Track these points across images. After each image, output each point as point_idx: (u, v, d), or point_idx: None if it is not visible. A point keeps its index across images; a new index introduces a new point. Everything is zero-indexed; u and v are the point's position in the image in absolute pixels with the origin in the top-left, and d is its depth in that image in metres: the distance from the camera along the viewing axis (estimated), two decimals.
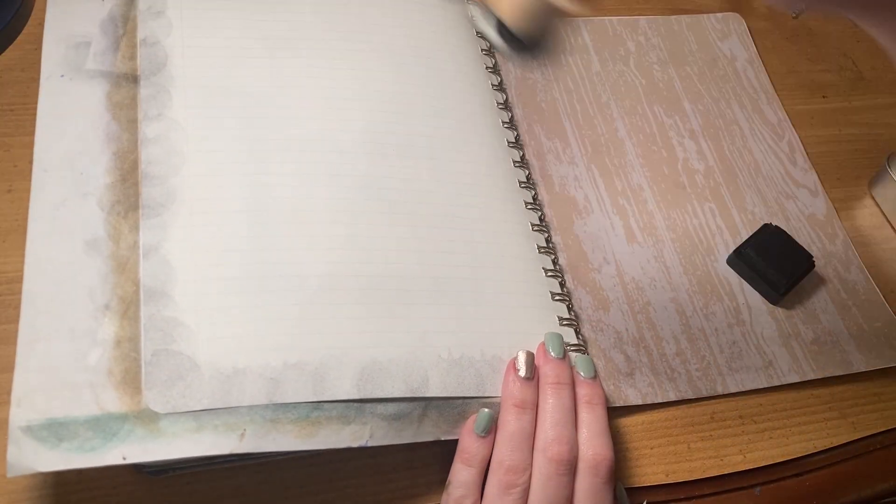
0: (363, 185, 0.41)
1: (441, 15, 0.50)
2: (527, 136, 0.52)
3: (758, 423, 0.45)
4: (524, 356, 0.38)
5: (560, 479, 0.35)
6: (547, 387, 0.38)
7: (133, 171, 0.38)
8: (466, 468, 0.36)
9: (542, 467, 0.36)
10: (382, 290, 0.38)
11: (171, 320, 0.35)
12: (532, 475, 0.36)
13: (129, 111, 0.40)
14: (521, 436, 0.36)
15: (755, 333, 0.47)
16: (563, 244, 0.48)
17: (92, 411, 0.32)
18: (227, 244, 0.37)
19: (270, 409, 0.34)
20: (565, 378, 0.38)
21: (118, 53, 0.41)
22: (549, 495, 0.35)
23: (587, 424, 0.37)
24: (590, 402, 0.38)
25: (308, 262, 0.38)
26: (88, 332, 0.34)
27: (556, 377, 0.38)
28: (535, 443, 0.36)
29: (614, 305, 0.46)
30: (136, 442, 0.32)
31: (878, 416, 0.46)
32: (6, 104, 0.46)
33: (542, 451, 0.36)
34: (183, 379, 0.33)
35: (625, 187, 0.51)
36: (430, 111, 0.45)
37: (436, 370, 0.37)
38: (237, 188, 0.39)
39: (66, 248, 0.36)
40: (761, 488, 0.43)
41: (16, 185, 0.44)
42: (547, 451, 0.36)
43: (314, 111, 0.43)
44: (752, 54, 0.61)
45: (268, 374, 0.34)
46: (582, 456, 0.37)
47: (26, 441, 0.31)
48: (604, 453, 0.37)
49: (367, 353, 0.36)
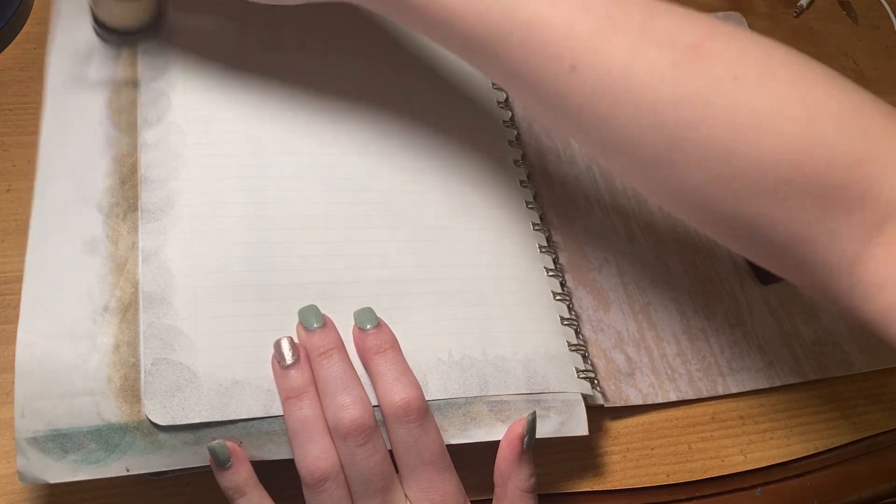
0: (362, 188, 0.41)
1: None
2: (527, 136, 0.52)
3: (759, 424, 0.44)
4: (284, 342, 0.35)
5: (363, 449, 0.33)
6: (313, 361, 0.35)
7: (132, 174, 0.38)
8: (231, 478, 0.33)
9: (341, 448, 0.33)
10: (382, 296, 0.38)
11: (170, 329, 0.35)
12: (340, 458, 0.33)
13: (128, 115, 0.40)
14: (305, 423, 0.33)
15: (756, 334, 0.47)
16: (563, 244, 0.48)
17: (94, 422, 0.32)
18: (227, 251, 0.37)
19: (267, 422, 0.34)
20: (329, 344, 0.35)
21: (119, 61, 0.41)
22: (363, 471, 0.33)
23: (382, 374, 0.35)
24: (379, 351, 0.35)
25: (308, 269, 0.38)
26: (88, 334, 0.34)
27: (317, 348, 0.35)
28: (328, 422, 0.34)
29: (615, 305, 0.46)
30: (138, 454, 0.32)
31: (880, 416, 0.46)
32: (5, 104, 0.46)
33: (335, 430, 0.33)
34: (182, 391, 0.33)
35: (625, 187, 0.51)
36: (430, 111, 0.45)
37: (435, 373, 0.37)
38: (237, 193, 0.39)
39: (65, 251, 0.36)
40: (762, 489, 0.43)
41: (14, 185, 0.43)
42: (338, 429, 0.33)
43: (314, 113, 0.42)
44: None
45: (266, 385, 0.34)
46: (386, 408, 0.34)
47: (33, 453, 0.32)
48: (406, 395, 0.34)
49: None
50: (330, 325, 0.36)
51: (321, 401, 0.34)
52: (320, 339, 0.35)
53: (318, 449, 0.33)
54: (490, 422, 0.37)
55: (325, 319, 0.36)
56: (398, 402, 0.34)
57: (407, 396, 0.34)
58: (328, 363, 0.35)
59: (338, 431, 0.33)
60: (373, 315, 0.36)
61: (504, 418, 0.37)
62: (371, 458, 0.33)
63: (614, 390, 0.43)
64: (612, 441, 0.43)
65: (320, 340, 0.35)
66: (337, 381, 0.34)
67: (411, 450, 0.34)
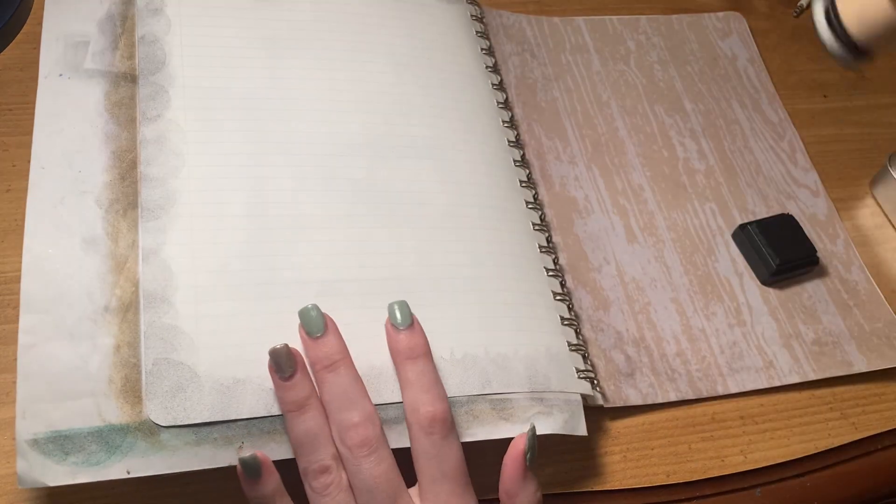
0: (363, 187, 0.41)
1: (441, 15, 0.50)
2: (527, 136, 0.52)
3: (759, 424, 0.44)
4: (281, 350, 0.33)
5: (368, 459, 0.32)
6: (317, 374, 0.34)
7: (132, 169, 0.38)
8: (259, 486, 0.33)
9: (347, 459, 0.33)
10: (383, 294, 0.38)
11: (171, 328, 0.34)
12: (345, 467, 0.33)
13: (128, 110, 0.40)
14: (309, 436, 0.33)
15: (756, 334, 0.47)
16: (563, 244, 0.48)
17: (95, 423, 0.32)
18: (227, 249, 0.37)
19: (268, 421, 0.34)
20: (335, 354, 0.34)
21: (117, 52, 0.41)
22: (367, 480, 0.32)
23: (412, 382, 0.34)
24: (411, 357, 0.34)
25: (308, 268, 0.37)
26: (88, 335, 0.34)
27: (322, 360, 0.34)
28: (333, 434, 0.33)
29: (615, 305, 0.46)
30: (139, 455, 0.32)
31: (880, 416, 0.46)
32: (5, 104, 0.46)
33: (340, 442, 0.33)
34: (184, 390, 0.33)
35: (625, 187, 0.51)
36: (430, 111, 0.45)
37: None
38: (237, 192, 0.38)
39: (63, 246, 0.35)
40: (762, 489, 0.43)
41: (14, 185, 0.43)
42: (345, 442, 0.33)
43: (314, 112, 0.42)
44: (752, 53, 0.60)
45: (267, 384, 0.34)
46: (411, 415, 0.33)
47: (34, 455, 0.31)
48: (434, 408, 0.33)
49: (366, 358, 0.36)
50: (333, 331, 0.35)
51: (325, 410, 0.34)
52: (325, 348, 0.34)
53: (323, 457, 0.33)
54: (493, 420, 0.37)
55: (327, 323, 0.35)
56: (425, 413, 0.33)
57: (434, 409, 0.33)
58: (333, 376, 0.34)
59: (344, 444, 0.33)
60: (407, 312, 0.35)
61: (507, 416, 0.37)
62: (377, 468, 0.33)
63: (614, 390, 0.43)
64: (612, 441, 0.43)
65: (325, 351, 0.34)
66: (343, 397, 0.33)
67: (433, 461, 0.33)
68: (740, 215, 0.52)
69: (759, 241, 0.49)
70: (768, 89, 0.59)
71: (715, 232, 0.51)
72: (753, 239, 0.49)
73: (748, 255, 0.49)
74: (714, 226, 0.51)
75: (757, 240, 0.49)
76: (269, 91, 0.42)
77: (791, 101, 0.58)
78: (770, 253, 0.48)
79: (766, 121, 0.57)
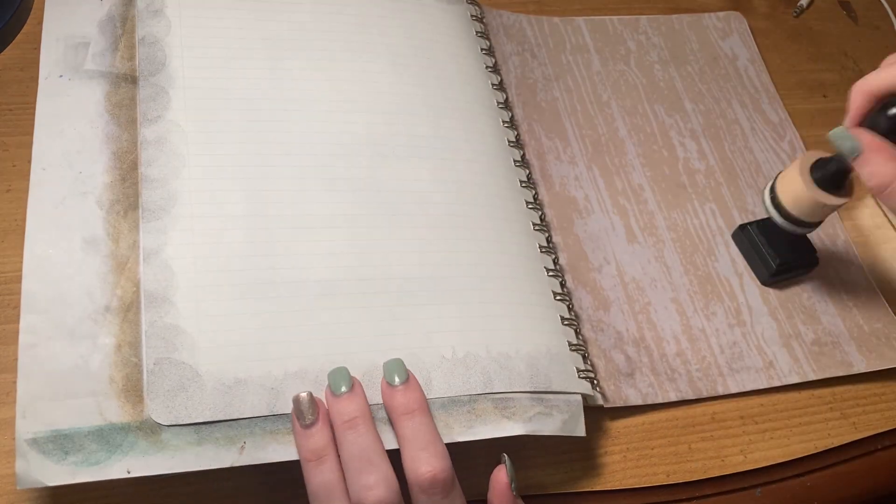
0: (364, 187, 0.41)
1: (441, 15, 0.50)
2: (527, 136, 0.52)
3: (759, 424, 0.45)
4: (304, 399, 0.34)
5: None
6: (337, 430, 0.34)
7: (132, 170, 0.38)
8: None
9: None
10: (384, 294, 0.38)
11: (172, 328, 0.34)
12: None
13: (128, 111, 0.40)
14: (327, 489, 0.33)
15: (756, 334, 0.47)
16: (563, 244, 0.48)
17: (95, 422, 0.32)
18: (228, 249, 0.37)
19: (270, 421, 0.34)
20: (355, 412, 0.34)
21: (117, 54, 0.41)
22: None
23: (409, 439, 0.34)
24: (406, 413, 0.34)
25: (309, 268, 0.38)
26: (89, 335, 0.34)
27: (342, 416, 0.34)
28: (349, 491, 0.33)
29: (615, 305, 0.46)
30: (140, 455, 0.32)
31: (880, 416, 0.46)
32: (5, 104, 0.46)
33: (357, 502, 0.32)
34: (185, 390, 0.33)
35: (625, 187, 0.51)
36: (431, 112, 0.45)
37: (439, 371, 0.37)
38: (238, 192, 0.39)
39: (64, 247, 0.36)
40: (762, 489, 0.43)
41: (14, 185, 0.43)
42: (360, 502, 0.32)
43: (314, 113, 0.42)
44: (753, 53, 0.60)
45: (269, 384, 0.34)
46: (411, 475, 0.33)
47: (33, 455, 0.31)
48: (432, 468, 0.33)
49: (368, 357, 0.36)
50: (357, 390, 0.35)
51: (343, 469, 0.33)
52: (347, 405, 0.34)
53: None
54: (495, 419, 0.37)
55: (353, 382, 0.35)
56: (424, 473, 0.33)
57: (433, 469, 0.33)
58: (353, 435, 0.33)
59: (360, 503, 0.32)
60: (402, 368, 0.35)
61: (509, 415, 0.37)
62: None
63: (614, 390, 0.43)
64: (612, 441, 0.43)
65: (346, 407, 0.34)
66: (362, 458, 0.33)
67: None
68: (740, 215, 0.52)
69: (759, 242, 0.49)
70: (769, 89, 0.59)
71: (715, 232, 0.51)
72: (753, 239, 0.49)
73: (748, 255, 0.50)
74: (714, 226, 0.51)
75: (757, 240, 0.49)
76: (269, 91, 0.42)
77: (791, 101, 0.58)
78: (770, 253, 0.48)
79: (766, 121, 0.57)
